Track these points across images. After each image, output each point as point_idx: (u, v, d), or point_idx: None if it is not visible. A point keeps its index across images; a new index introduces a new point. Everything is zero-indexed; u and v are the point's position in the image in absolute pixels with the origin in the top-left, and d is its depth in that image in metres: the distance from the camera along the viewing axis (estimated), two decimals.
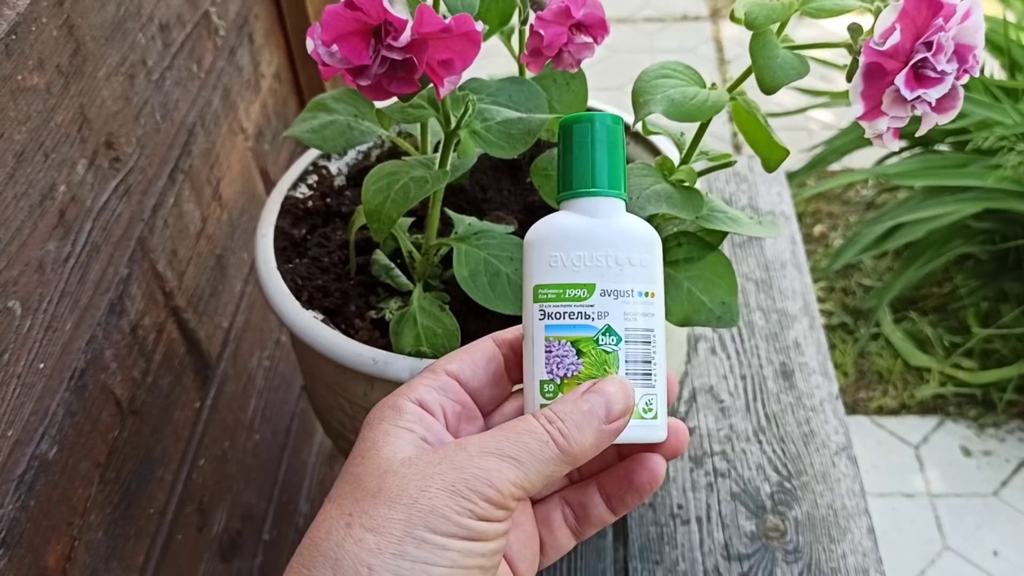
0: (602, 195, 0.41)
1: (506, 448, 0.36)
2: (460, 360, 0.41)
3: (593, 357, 0.39)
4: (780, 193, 1.04)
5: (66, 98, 0.57)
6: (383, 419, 0.38)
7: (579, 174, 0.41)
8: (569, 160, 0.42)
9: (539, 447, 0.36)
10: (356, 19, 0.44)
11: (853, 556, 0.71)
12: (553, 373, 0.40)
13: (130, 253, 0.65)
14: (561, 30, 0.52)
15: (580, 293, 0.40)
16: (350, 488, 0.36)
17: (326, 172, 0.69)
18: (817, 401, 0.82)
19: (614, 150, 0.42)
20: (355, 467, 0.37)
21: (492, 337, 0.43)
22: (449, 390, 0.41)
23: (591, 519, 0.43)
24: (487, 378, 0.42)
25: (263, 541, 0.89)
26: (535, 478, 0.36)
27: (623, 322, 0.40)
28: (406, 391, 0.40)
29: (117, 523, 0.62)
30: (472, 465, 0.35)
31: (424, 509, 0.34)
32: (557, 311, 0.40)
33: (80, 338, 0.58)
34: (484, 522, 0.35)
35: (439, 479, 0.35)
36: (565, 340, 0.40)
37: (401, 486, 0.35)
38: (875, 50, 0.46)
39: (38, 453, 0.53)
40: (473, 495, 0.35)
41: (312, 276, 0.61)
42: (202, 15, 0.79)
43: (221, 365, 0.81)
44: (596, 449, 0.38)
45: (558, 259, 0.40)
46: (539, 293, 0.41)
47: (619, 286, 0.40)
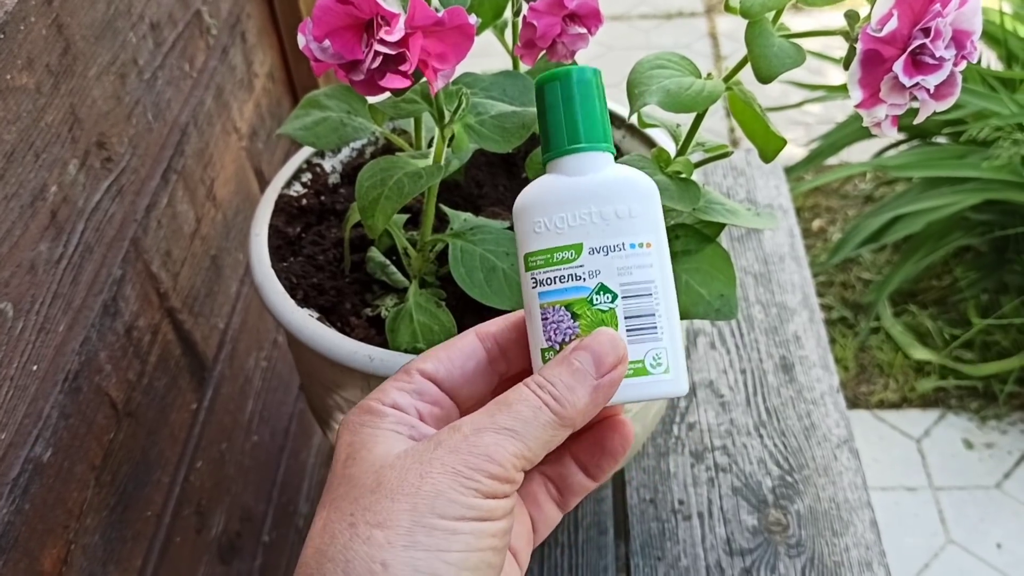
0: (582, 151, 0.40)
1: (500, 421, 0.35)
2: (436, 358, 0.40)
3: (589, 318, 0.38)
4: (778, 186, 1.04)
5: (56, 98, 0.57)
6: (363, 424, 0.37)
7: (555, 133, 0.40)
8: (545, 121, 0.40)
9: (533, 414, 0.36)
10: (348, 13, 0.43)
11: (856, 549, 0.70)
12: (552, 340, 0.39)
13: (123, 254, 0.64)
14: (555, 21, 0.52)
15: (568, 255, 0.39)
16: (345, 489, 0.35)
17: (320, 170, 0.69)
18: (818, 394, 0.82)
19: (589, 102, 0.40)
20: (346, 469, 0.36)
21: (475, 331, 0.42)
22: (424, 392, 0.39)
23: (573, 488, 0.43)
24: (464, 376, 0.41)
25: (262, 543, 0.88)
26: (534, 446, 0.36)
27: (617, 278, 0.38)
28: (379, 395, 0.39)
29: (114, 526, 0.61)
30: (469, 444, 0.34)
31: (429, 495, 0.33)
32: (547, 276, 0.39)
33: (74, 340, 0.58)
34: (491, 499, 0.34)
35: (438, 463, 0.34)
36: (559, 305, 0.39)
37: (401, 477, 0.34)
38: (872, 37, 0.45)
39: (32, 456, 0.52)
40: (475, 473, 0.34)
41: (307, 274, 0.61)
42: (194, 14, 0.79)
43: (218, 366, 0.80)
44: (594, 406, 0.37)
45: (541, 224, 0.39)
46: (529, 261, 0.40)
47: (608, 241, 0.38)
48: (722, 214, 0.57)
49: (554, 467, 0.43)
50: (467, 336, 0.41)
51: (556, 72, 0.40)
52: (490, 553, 0.34)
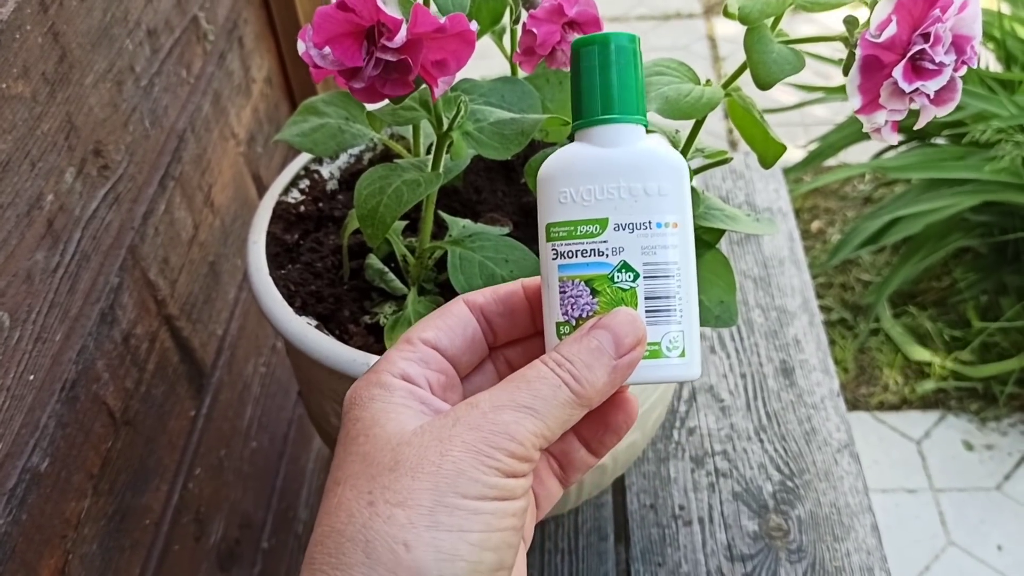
0: (615, 121, 0.38)
1: (519, 398, 0.35)
2: (436, 327, 0.39)
3: (608, 296, 0.38)
4: (777, 189, 1.04)
5: (52, 106, 0.57)
6: (373, 397, 0.36)
7: (588, 101, 0.38)
8: (578, 87, 0.39)
9: (552, 392, 0.35)
10: (348, 20, 0.43)
11: (857, 554, 0.70)
12: (568, 315, 0.38)
13: (121, 262, 0.64)
14: (554, 28, 0.51)
15: (592, 229, 0.38)
16: (361, 467, 0.34)
17: (318, 176, 0.69)
18: (818, 398, 0.82)
19: (626, 71, 0.38)
20: (359, 446, 0.35)
21: (464, 300, 0.41)
22: (430, 361, 0.39)
23: (575, 464, 0.42)
24: (464, 344, 0.40)
25: (262, 549, 0.88)
26: (553, 424, 0.35)
27: (640, 257, 0.37)
28: (386, 366, 0.38)
29: (112, 535, 0.61)
30: (488, 421, 0.34)
31: (450, 473, 0.33)
32: (569, 250, 0.38)
33: (71, 349, 0.57)
34: (511, 479, 0.34)
35: (458, 440, 0.33)
36: (579, 279, 0.38)
37: (420, 455, 0.33)
38: (872, 42, 0.45)
39: (29, 466, 0.52)
40: (496, 452, 0.33)
41: (305, 282, 0.61)
42: (190, 20, 0.78)
43: (216, 373, 0.80)
44: (611, 386, 0.37)
45: (567, 195, 0.38)
46: (551, 232, 0.39)
47: (634, 218, 0.37)
48: (721, 220, 0.56)
49: (558, 443, 0.42)
50: (458, 304, 0.41)
51: (594, 36, 0.39)
52: (510, 532, 0.34)
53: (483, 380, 0.42)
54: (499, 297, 0.41)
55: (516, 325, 0.41)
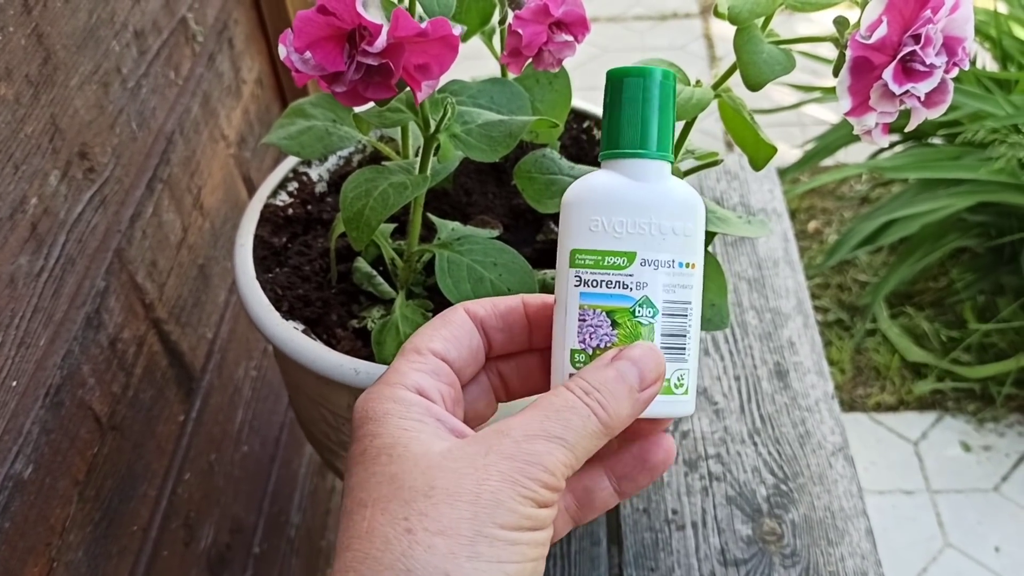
0: (650, 157, 0.39)
1: (550, 428, 0.35)
2: (444, 339, 0.39)
3: (628, 329, 0.38)
4: (772, 190, 1.03)
5: (36, 108, 0.56)
6: (388, 412, 0.36)
7: (627, 133, 0.39)
8: (617, 116, 0.39)
9: (582, 422, 0.35)
10: (329, 24, 0.43)
11: (852, 559, 0.70)
12: (585, 343, 0.38)
13: (107, 265, 0.63)
14: (540, 29, 0.51)
15: (620, 261, 0.38)
16: (390, 489, 0.33)
17: (306, 179, 0.68)
18: (812, 401, 0.81)
19: (665, 109, 0.39)
20: (382, 466, 0.34)
21: (464, 309, 0.40)
22: (441, 373, 0.38)
23: (595, 504, 0.42)
24: (469, 355, 0.40)
25: (253, 554, 0.87)
26: (581, 455, 0.35)
27: (661, 294, 0.38)
28: (400, 379, 0.37)
29: (98, 542, 0.60)
30: (522, 451, 0.34)
31: (489, 504, 0.32)
32: (594, 279, 0.38)
33: (55, 354, 0.57)
34: (543, 508, 0.34)
35: (494, 470, 0.33)
36: (600, 310, 0.38)
37: (456, 481, 0.33)
38: (862, 44, 0.44)
39: (12, 473, 0.52)
40: (531, 482, 0.33)
41: (293, 285, 0.60)
42: (179, 21, 0.78)
43: (206, 377, 0.79)
44: (630, 420, 0.37)
45: (599, 223, 0.38)
46: (576, 258, 0.39)
47: (660, 256, 0.38)
48: (713, 222, 0.56)
49: (582, 480, 0.42)
50: (459, 313, 0.40)
51: (639, 69, 0.39)
52: (539, 563, 0.34)
53: (477, 389, 0.42)
54: (499, 312, 0.41)
55: (513, 340, 0.41)
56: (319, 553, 1.07)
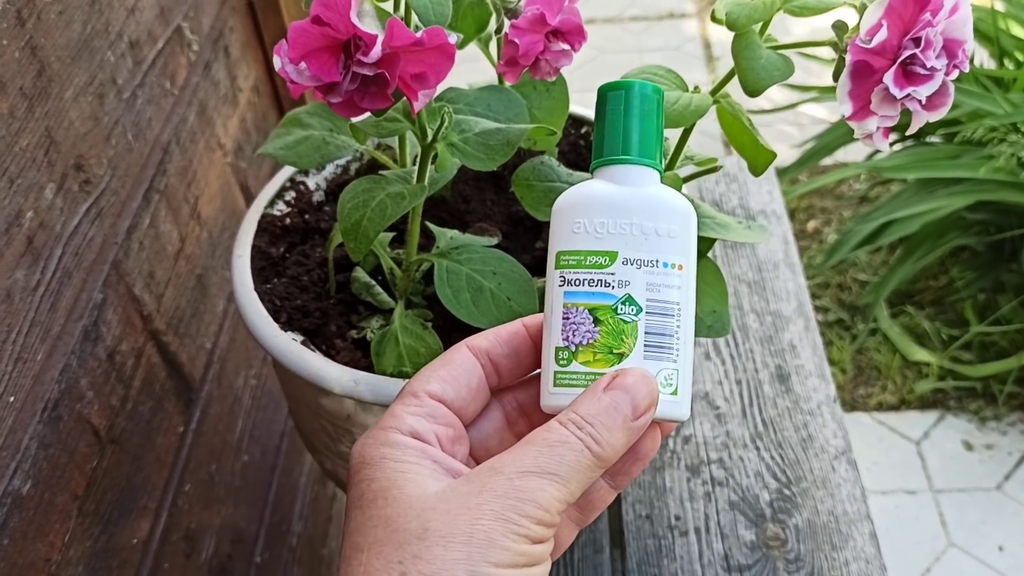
0: (633, 163, 0.40)
1: (543, 464, 0.35)
2: (441, 380, 0.39)
3: (610, 326, 0.38)
4: (771, 192, 1.03)
5: (31, 121, 0.56)
6: (384, 456, 0.36)
7: (610, 141, 0.40)
8: (601, 127, 0.41)
9: (575, 457, 0.35)
10: (324, 35, 0.42)
11: (856, 563, 0.69)
12: (569, 340, 0.39)
13: (104, 277, 0.63)
14: (537, 38, 0.50)
15: (601, 260, 0.39)
16: (385, 533, 0.34)
17: (304, 188, 0.68)
18: (815, 404, 0.81)
19: (648, 118, 0.40)
20: (378, 509, 0.35)
21: (467, 345, 0.41)
22: (438, 415, 0.38)
23: (594, 503, 0.42)
24: (469, 394, 0.40)
25: (255, 564, 0.87)
26: (575, 489, 0.35)
27: (645, 292, 0.38)
28: (394, 423, 0.37)
29: (98, 556, 0.60)
30: (515, 489, 0.34)
31: (482, 543, 0.33)
32: (576, 278, 0.39)
33: (53, 368, 0.56)
34: (537, 544, 0.34)
35: (486, 508, 0.33)
36: (583, 307, 0.39)
37: (449, 522, 0.33)
38: (862, 48, 0.44)
39: (11, 489, 0.51)
40: (524, 520, 0.33)
41: (291, 296, 0.60)
42: (174, 30, 0.77)
43: (205, 387, 0.79)
44: (625, 448, 0.37)
45: (581, 225, 0.39)
46: (561, 259, 0.40)
47: (643, 255, 0.39)
48: (712, 228, 0.56)
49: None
50: (461, 351, 0.40)
51: (620, 82, 0.41)
52: None
53: (489, 426, 0.42)
54: (503, 339, 0.41)
55: (521, 365, 0.41)
56: (321, 561, 1.07)
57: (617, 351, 0.38)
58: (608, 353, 0.38)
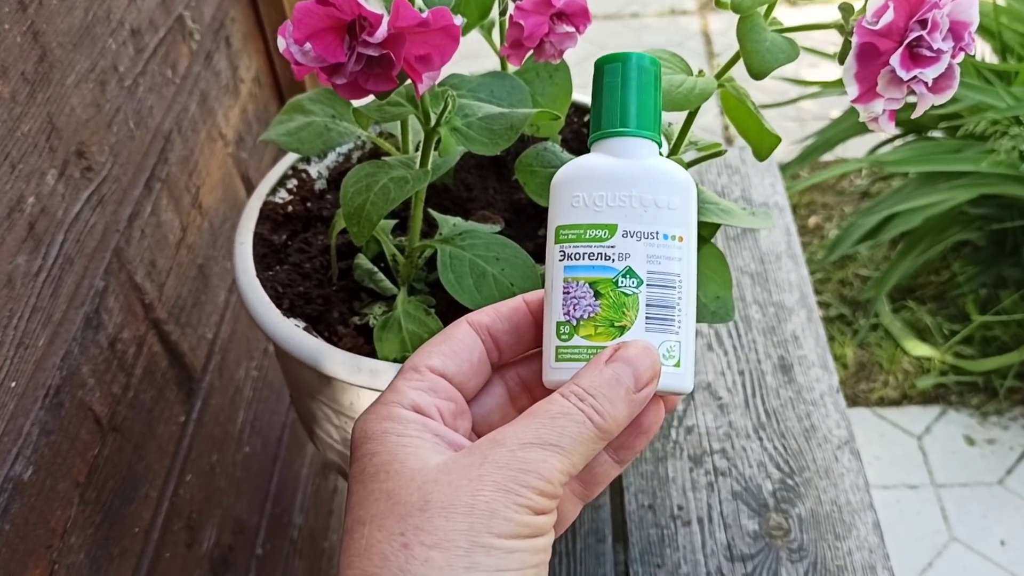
0: (630, 135, 0.40)
1: (545, 436, 0.35)
2: (443, 354, 0.39)
3: (611, 299, 0.38)
4: (773, 184, 1.02)
5: (32, 106, 0.55)
6: (386, 431, 0.36)
7: (607, 114, 0.40)
8: (599, 101, 0.40)
9: (577, 429, 0.35)
10: (329, 15, 0.42)
11: (859, 553, 0.69)
12: (570, 315, 0.39)
13: (106, 265, 0.63)
14: (542, 20, 0.50)
15: (601, 234, 0.38)
16: (387, 505, 0.34)
17: (306, 176, 0.67)
18: (817, 395, 0.81)
19: (646, 90, 0.40)
20: (380, 483, 0.34)
21: (468, 321, 0.40)
22: (439, 389, 0.38)
23: (598, 478, 0.42)
24: (471, 369, 0.40)
25: (256, 555, 0.87)
26: (578, 460, 0.35)
27: (645, 264, 0.38)
28: (396, 398, 0.37)
29: (99, 544, 0.60)
30: (517, 460, 0.34)
31: (484, 513, 0.32)
32: (576, 251, 0.39)
33: (54, 354, 0.56)
34: (541, 515, 0.34)
35: (488, 480, 0.33)
36: (583, 281, 0.38)
37: (451, 494, 0.33)
38: (868, 30, 0.44)
39: (12, 475, 0.51)
40: (526, 490, 0.33)
41: (293, 283, 0.59)
42: (176, 19, 0.77)
43: (206, 377, 0.79)
44: (628, 421, 0.37)
45: (580, 199, 0.39)
46: (560, 234, 0.39)
47: (643, 227, 0.38)
48: (716, 214, 0.55)
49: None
50: (462, 327, 0.40)
51: (617, 55, 0.40)
52: (541, 568, 0.34)
53: (492, 401, 0.42)
54: (503, 315, 0.41)
55: (521, 341, 0.41)
56: (322, 554, 1.07)
57: (618, 324, 0.38)
58: (609, 326, 0.38)
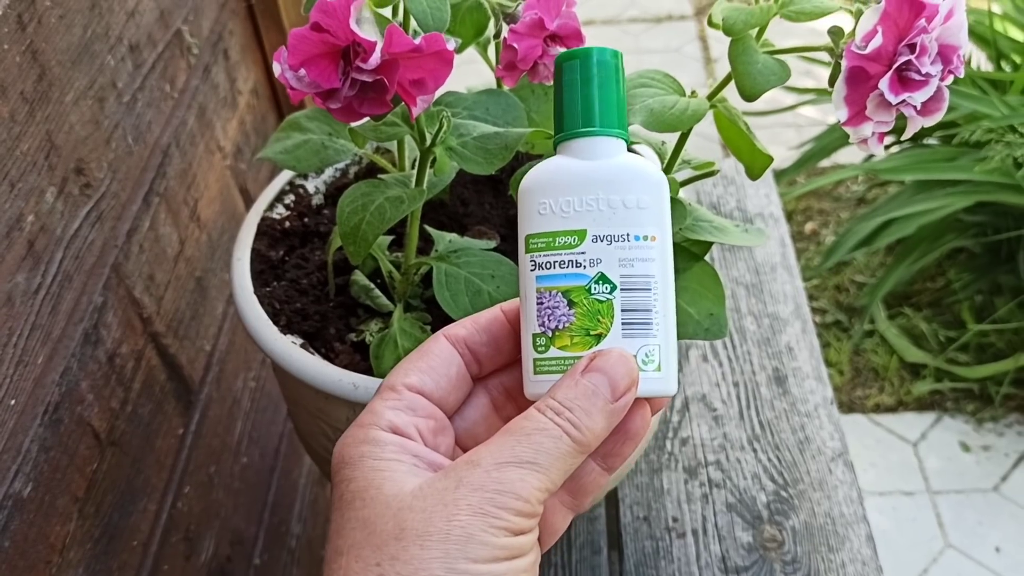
0: (595, 135, 0.38)
1: (521, 453, 0.34)
2: (420, 371, 0.39)
3: (585, 307, 0.37)
4: (768, 195, 1.03)
5: (32, 125, 0.56)
6: (363, 455, 0.36)
7: (569, 114, 0.39)
8: (560, 100, 0.39)
9: (554, 444, 0.34)
10: (323, 41, 0.43)
11: (852, 565, 0.70)
12: (545, 326, 0.38)
13: (104, 280, 0.63)
14: (535, 43, 0.51)
15: (570, 240, 0.38)
16: (363, 535, 0.33)
17: (303, 191, 0.68)
18: (812, 406, 0.81)
19: (607, 86, 0.39)
20: (356, 511, 0.34)
21: (444, 335, 0.40)
22: (417, 407, 0.38)
23: (587, 487, 0.41)
24: (450, 384, 0.39)
25: (254, 566, 0.87)
26: (556, 476, 0.35)
27: (618, 269, 0.37)
28: (373, 419, 0.37)
29: (99, 558, 0.60)
30: (492, 480, 0.33)
31: (459, 539, 0.32)
32: (547, 260, 0.38)
33: (54, 371, 0.57)
34: (519, 536, 0.33)
35: (463, 503, 0.33)
36: (556, 291, 0.38)
37: (426, 520, 0.33)
38: (857, 54, 0.44)
39: (12, 492, 0.51)
40: (502, 512, 0.33)
41: (290, 299, 0.60)
42: (174, 34, 0.78)
43: (205, 389, 0.79)
44: (607, 431, 0.36)
45: (547, 206, 0.38)
46: (530, 243, 0.38)
47: (613, 230, 0.37)
48: (710, 232, 0.56)
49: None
50: (438, 341, 0.40)
51: (576, 51, 0.39)
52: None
53: (475, 413, 0.41)
54: (481, 326, 0.40)
55: (501, 352, 0.41)
56: (320, 563, 1.07)
57: (594, 332, 0.37)
58: (585, 335, 0.37)
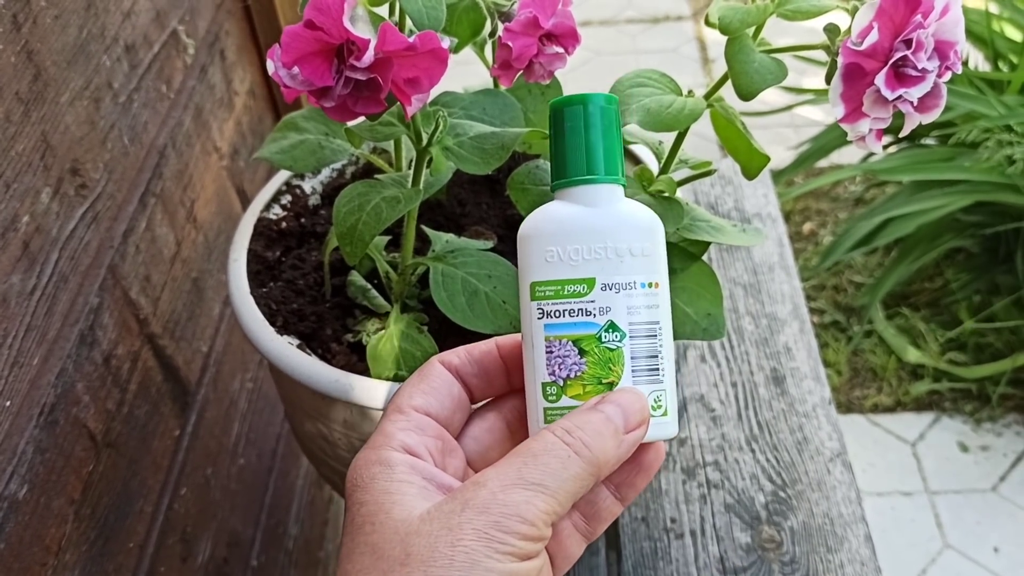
0: (599, 182, 0.39)
1: (528, 475, 0.34)
2: (423, 393, 0.39)
3: (596, 356, 0.37)
4: (766, 195, 1.03)
5: (27, 126, 0.56)
6: (374, 477, 0.36)
7: (573, 161, 0.39)
8: (562, 146, 0.39)
9: (562, 465, 0.34)
10: (317, 39, 0.42)
11: (851, 565, 0.70)
12: (555, 375, 0.38)
13: (100, 281, 0.63)
14: (530, 41, 0.51)
15: (580, 289, 0.38)
16: (371, 560, 0.33)
17: (300, 191, 0.68)
18: (810, 407, 0.81)
19: (609, 133, 0.39)
20: (366, 535, 0.34)
21: (440, 361, 0.40)
22: (426, 427, 0.38)
23: (601, 515, 0.41)
24: (453, 405, 0.39)
25: (251, 567, 0.87)
26: (564, 499, 0.34)
27: (627, 316, 0.38)
28: (385, 441, 0.37)
29: (94, 560, 0.60)
30: (498, 503, 0.33)
31: (464, 565, 0.32)
32: (556, 309, 0.38)
33: (49, 372, 0.56)
34: (526, 560, 0.33)
35: (468, 528, 0.32)
36: (566, 339, 0.38)
37: (431, 546, 0.32)
38: (853, 50, 0.44)
39: (7, 494, 0.51)
40: (508, 536, 0.32)
41: (287, 300, 0.60)
42: (170, 34, 0.77)
43: (201, 390, 0.79)
44: (617, 461, 0.36)
45: (554, 253, 0.38)
46: (536, 291, 0.38)
47: (621, 279, 0.38)
48: (707, 232, 0.56)
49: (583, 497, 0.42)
50: (434, 366, 0.40)
51: (574, 97, 0.39)
52: None
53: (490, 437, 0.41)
54: (474, 358, 0.40)
55: (492, 385, 0.41)
56: (317, 564, 1.07)
57: (606, 381, 0.37)
58: (597, 384, 0.37)
